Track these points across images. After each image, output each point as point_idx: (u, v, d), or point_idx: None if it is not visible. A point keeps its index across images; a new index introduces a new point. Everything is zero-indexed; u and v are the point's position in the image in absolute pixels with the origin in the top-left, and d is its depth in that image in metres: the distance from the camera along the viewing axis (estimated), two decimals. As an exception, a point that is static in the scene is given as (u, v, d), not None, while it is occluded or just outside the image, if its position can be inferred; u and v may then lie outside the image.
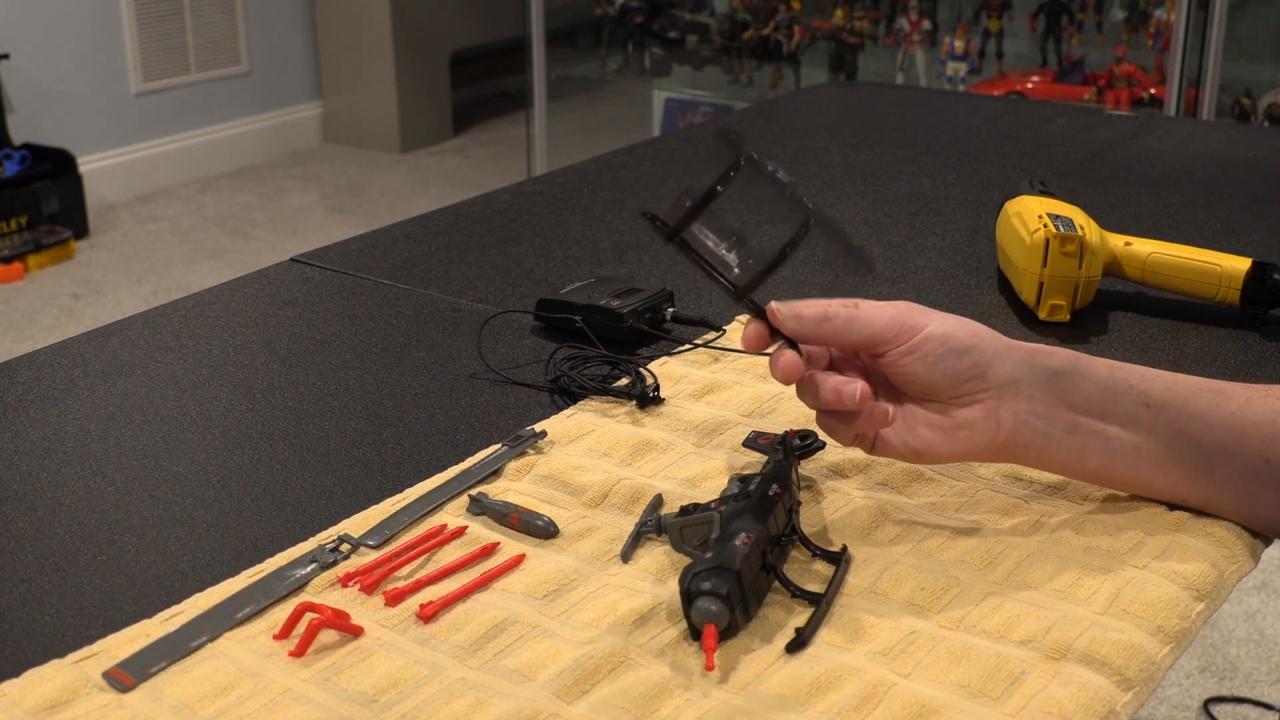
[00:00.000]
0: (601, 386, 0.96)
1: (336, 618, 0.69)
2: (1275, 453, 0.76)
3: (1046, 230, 1.06)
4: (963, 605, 0.72)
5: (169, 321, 1.11)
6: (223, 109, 4.66)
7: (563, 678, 0.66)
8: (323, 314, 1.14)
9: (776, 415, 0.93)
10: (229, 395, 0.98)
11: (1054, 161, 1.54)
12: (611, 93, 5.06)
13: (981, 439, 0.78)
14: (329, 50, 4.90)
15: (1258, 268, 1.06)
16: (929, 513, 0.81)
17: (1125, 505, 0.80)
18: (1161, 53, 3.15)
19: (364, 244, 1.30)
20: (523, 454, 0.88)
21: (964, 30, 3.44)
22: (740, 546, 0.69)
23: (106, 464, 0.88)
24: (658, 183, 1.49)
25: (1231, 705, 2.07)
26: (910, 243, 1.29)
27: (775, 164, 0.75)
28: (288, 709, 0.64)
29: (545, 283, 1.18)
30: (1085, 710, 0.63)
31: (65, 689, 0.65)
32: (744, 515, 0.72)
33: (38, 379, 1.00)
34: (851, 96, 1.98)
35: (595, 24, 3.99)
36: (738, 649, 0.68)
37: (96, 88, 4.27)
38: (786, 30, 3.64)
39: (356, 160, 4.81)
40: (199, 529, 0.80)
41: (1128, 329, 1.08)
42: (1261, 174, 1.50)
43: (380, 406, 0.96)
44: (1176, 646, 0.70)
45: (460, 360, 1.03)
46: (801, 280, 1.18)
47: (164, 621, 0.71)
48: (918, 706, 0.64)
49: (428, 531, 0.79)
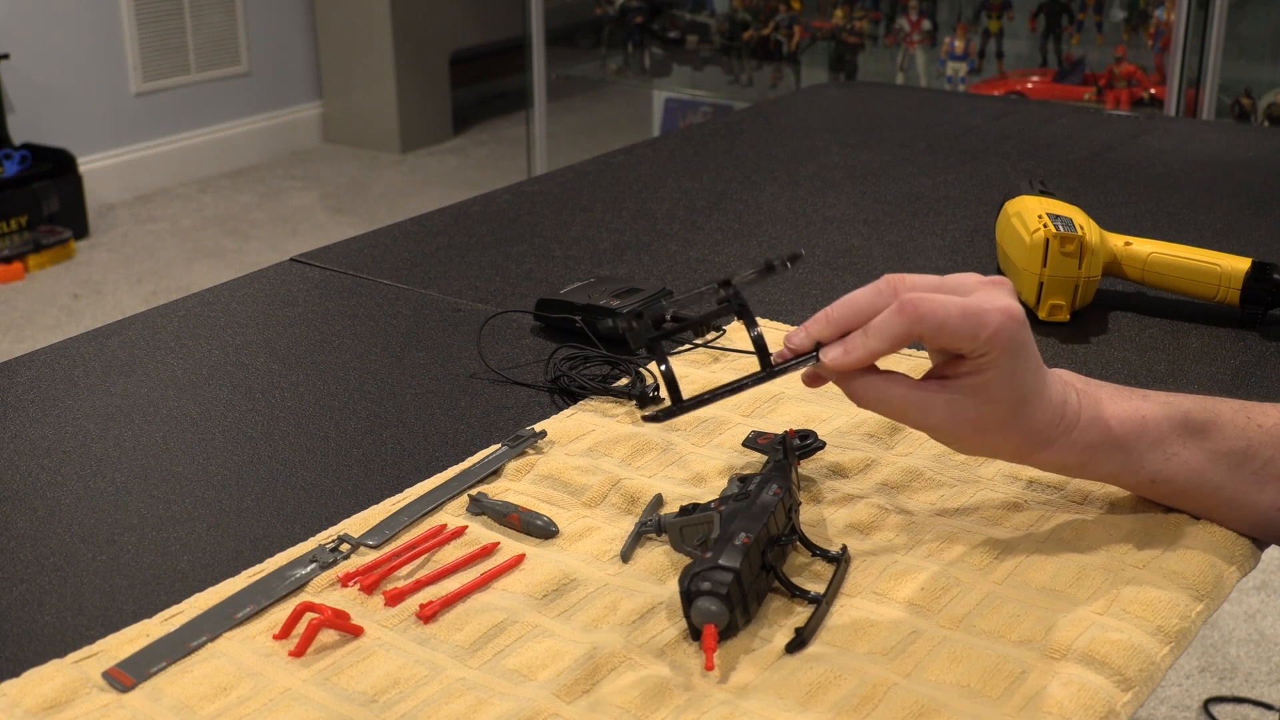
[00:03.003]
0: (601, 386, 0.96)
1: (336, 618, 0.69)
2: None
3: (1046, 230, 1.06)
4: (963, 605, 0.72)
5: (169, 321, 1.11)
6: (223, 109, 4.66)
7: (563, 678, 0.66)
8: (323, 314, 1.14)
9: (776, 415, 0.93)
10: (229, 395, 0.98)
11: (1054, 161, 1.54)
12: (611, 93, 5.06)
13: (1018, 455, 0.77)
14: (329, 50, 4.90)
15: (1257, 268, 1.06)
16: (929, 513, 0.81)
17: (1125, 505, 0.80)
18: (1161, 53, 3.14)
19: (364, 244, 1.30)
20: (523, 454, 0.88)
21: (964, 30, 3.44)
22: (740, 546, 0.69)
23: (106, 464, 0.88)
24: (658, 183, 1.49)
25: (1231, 705, 2.07)
26: (910, 243, 1.29)
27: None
28: (287, 709, 0.64)
29: (545, 283, 1.18)
30: (1085, 710, 0.63)
31: (65, 689, 0.65)
32: (744, 515, 0.72)
33: (38, 379, 1.00)
34: (851, 96, 1.98)
35: (595, 24, 3.99)
36: (738, 649, 0.68)
37: (96, 88, 4.27)
38: (786, 30, 3.64)
39: (356, 160, 4.81)
40: (199, 529, 0.80)
41: (1128, 329, 1.08)
42: (1261, 174, 1.50)
43: (380, 406, 0.96)
44: (1176, 646, 0.70)
45: (460, 360, 1.03)
46: (801, 280, 1.18)
47: (164, 621, 0.71)
48: (918, 706, 0.64)
49: (428, 531, 0.79)
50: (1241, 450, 0.77)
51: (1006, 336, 0.70)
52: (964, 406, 0.72)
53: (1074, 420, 0.75)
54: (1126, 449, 0.76)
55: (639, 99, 4.27)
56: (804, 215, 1.37)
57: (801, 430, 0.87)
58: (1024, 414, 0.73)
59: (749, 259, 1.24)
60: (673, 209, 1.39)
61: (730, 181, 1.48)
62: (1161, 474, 0.77)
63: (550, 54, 3.67)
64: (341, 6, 4.81)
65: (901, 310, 0.70)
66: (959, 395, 0.72)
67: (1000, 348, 0.70)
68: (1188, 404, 0.77)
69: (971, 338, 0.70)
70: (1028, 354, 0.72)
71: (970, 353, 0.71)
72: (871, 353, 0.72)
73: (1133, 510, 0.80)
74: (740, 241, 1.30)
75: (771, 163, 1.56)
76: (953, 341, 0.71)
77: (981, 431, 0.74)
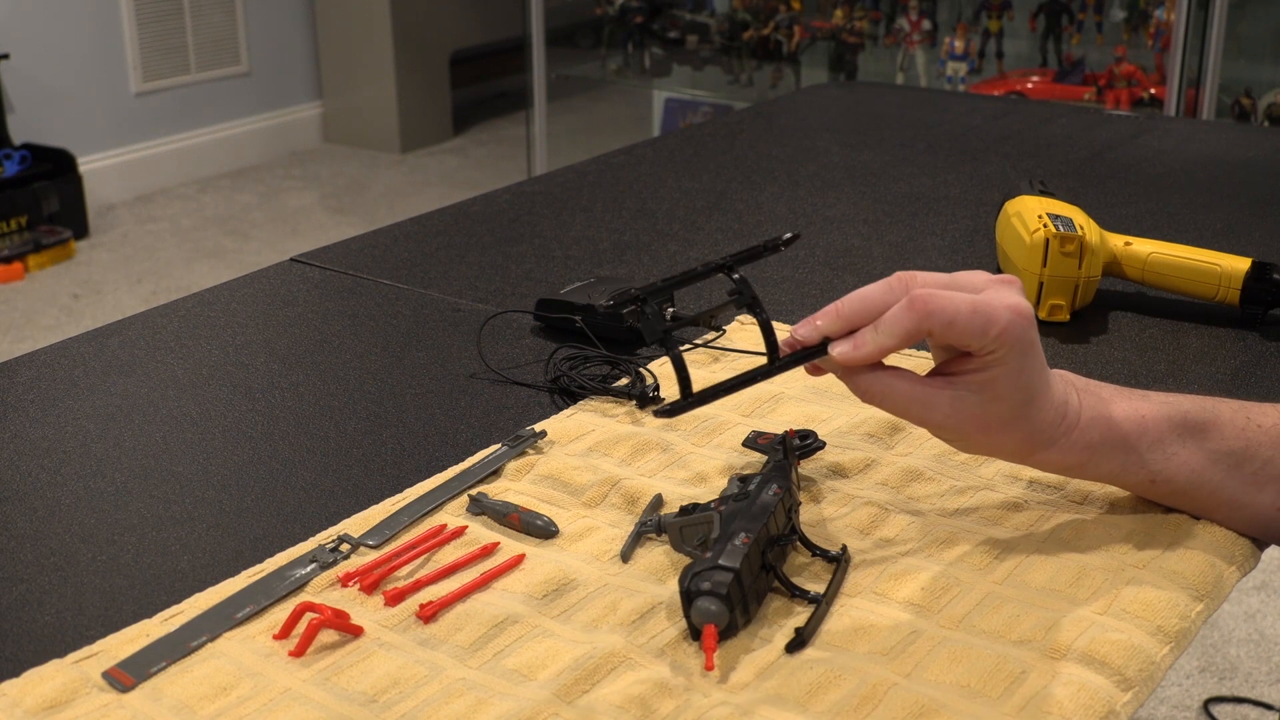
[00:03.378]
0: (601, 386, 0.96)
1: (336, 618, 0.69)
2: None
3: (1046, 230, 1.06)
4: (963, 605, 0.72)
5: (169, 321, 1.11)
6: (223, 109, 4.66)
7: (563, 678, 0.66)
8: (323, 314, 1.14)
9: (776, 415, 0.93)
10: (229, 395, 0.98)
11: (1054, 161, 1.54)
12: (611, 93, 5.06)
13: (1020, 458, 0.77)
14: (329, 50, 4.90)
15: (1257, 268, 1.06)
16: (929, 513, 0.81)
17: (1125, 505, 0.80)
18: (1161, 53, 3.14)
19: (364, 244, 1.30)
20: (523, 454, 0.88)
21: (964, 30, 3.44)
22: (740, 546, 0.69)
23: (106, 464, 0.88)
24: (658, 183, 1.49)
25: (1231, 705, 2.07)
26: (910, 243, 1.29)
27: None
28: (287, 709, 0.64)
29: (545, 283, 1.18)
30: (1084, 710, 0.63)
31: (65, 689, 0.65)
32: (744, 515, 0.72)
33: (38, 379, 1.00)
34: (851, 96, 1.98)
35: (595, 24, 3.99)
36: (738, 649, 0.68)
37: (96, 88, 4.27)
38: (786, 30, 3.64)
39: (356, 160, 4.81)
40: (199, 529, 0.80)
41: (1128, 329, 1.08)
42: (1261, 174, 1.50)
43: (380, 406, 0.96)
44: (1176, 647, 0.70)
45: (460, 360, 1.03)
46: (801, 280, 1.19)
47: (164, 621, 0.71)
48: (917, 706, 0.64)
49: (428, 531, 0.79)
50: (1241, 450, 0.77)
51: (1015, 334, 0.70)
52: (969, 403, 0.72)
53: (1075, 420, 0.75)
54: (1127, 449, 0.76)
55: (639, 99, 4.27)
56: (804, 215, 1.38)
57: (801, 430, 0.87)
58: (1028, 413, 0.73)
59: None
60: (673, 209, 1.39)
61: (730, 181, 1.48)
62: (1161, 474, 0.77)
63: (550, 54, 3.67)
64: (341, 6, 4.81)
65: (912, 305, 0.70)
66: (964, 392, 0.72)
67: (1009, 345, 0.70)
68: (1187, 404, 0.78)
69: (980, 334, 0.70)
70: (1035, 353, 0.72)
71: (979, 350, 0.71)
72: (881, 348, 0.71)
73: (1133, 510, 0.80)
74: (740, 241, 1.30)
75: (771, 163, 1.56)
76: (962, 338, 0.71)
77: (985, 429, 0.74)
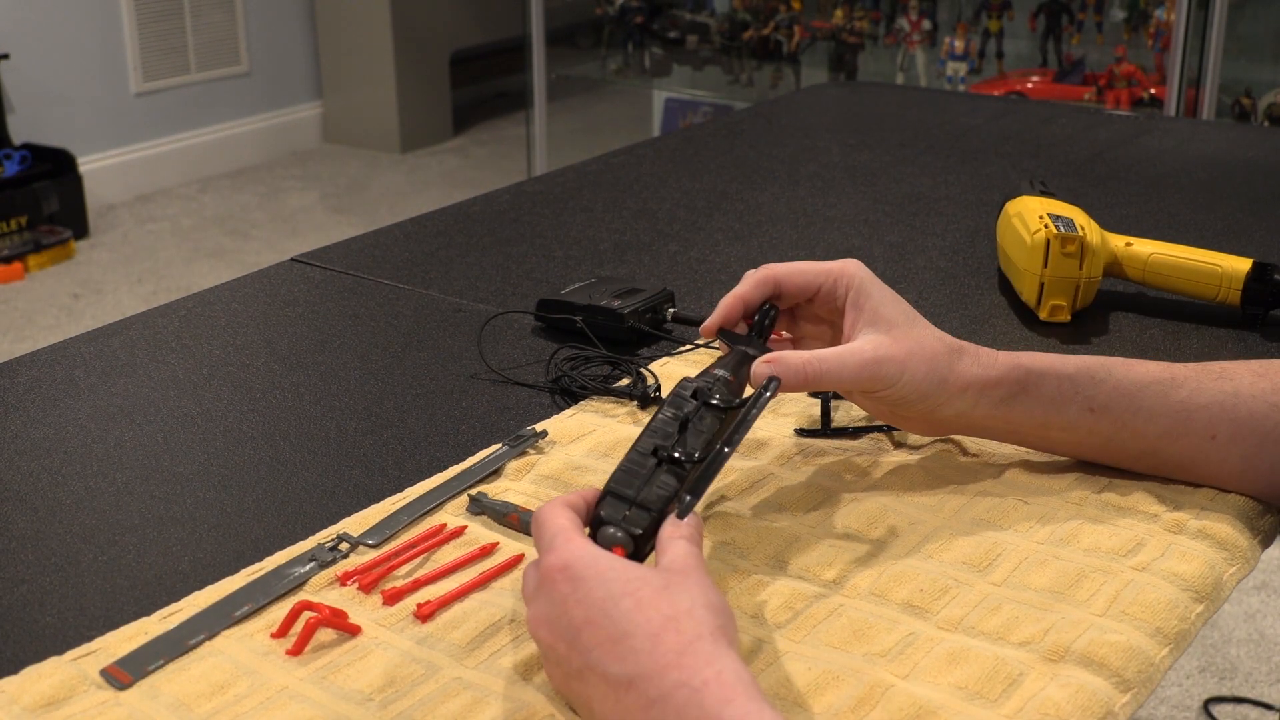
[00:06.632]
0: (602, 386, 0.96)
1: (334, 616, 0.69)
2: (1220, 430, 0.80)
3: (1047, 230, 1.06)
4: (961, 606, 0.72)
5: (169, 321, 1.11)
6: (223, 109, 4.66)
7: (562, 678, 0.66)
8: (323, 314, 1.14)
9: (776, 415, 0.93)
10: (229, 395, 0.98)
11: (1054, 161, 1.54)
12: (611, 93, 5.06)
13: (917, 427, 0.84)
14: (329, 50, 4.90)
15: (1258, 268, 1.06)
16: (928, 514, 0.81)
17: (1125, 506, 0.80)
18: (1161, 53, 3.14)
19: (364, 244, 1.30)
20: (523, 454, 0.88)
21: (964, 30, 3.44)
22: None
23: (106, 464, 0.88)
24: (658, 183, 1.49)
25: (1231, 705, 2.07)
26: (910, 243, 1.29)
27: None
28: (284, 707, 0.64)
29: (545, 283, 1.18)
30: (1083, 711, 0.63)
31: (63, 686, 0.65)
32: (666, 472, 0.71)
33: (38, 379, 1.00)
34: (851, 96, 1.98)
35: (595, 24, 3.99)
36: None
37: (96, 88, 4.27)
38: (786, 30, 3.64)
39: (356, 160, 4.81)
40: (199, 529, 0.80)
41: (1128, 329, 1.08)
42: (1261, 174, 1.50)
43: (380, 406, 0.96)
44: (1175, 648, 0.70)
45: (461, 360, 1.03)
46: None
47: (162, 619, 0.71)
48: (915, 708, 0.64)
49: (427, 531, 0.79)
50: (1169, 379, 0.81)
51: (853, 267, 0.82)
52: (874, 338, 0.80)
53: (983, 350, 0.82)
54: (1058, 376, 0.80)
55: (639, 99, 4.27)
56: (804, 215, 1.38)
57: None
58: (920, 326, 0.81)
59: (749, 259, 1.24)
60: (673, 209, 1.39)
61: (730, 181, 1.48)
62: (1096, 398, 0.80)
63: (550, 54, 3.67)
64: (341, 6, 4.81)
65: (753, 272, 0.83)
66: (867, 331, 0.80)
67: (852, 274, 0.82)
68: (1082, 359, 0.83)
69: (825, 274, 0.82)
70: (881, 286, 0.82)
71: (833, 293, 0.82)
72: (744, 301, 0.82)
73: (1132, 512, 0.80)
74: (740, 242, 1.30)
75: (771, 163, 1.56)
76: (813, 281, 0.82)
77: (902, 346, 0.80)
